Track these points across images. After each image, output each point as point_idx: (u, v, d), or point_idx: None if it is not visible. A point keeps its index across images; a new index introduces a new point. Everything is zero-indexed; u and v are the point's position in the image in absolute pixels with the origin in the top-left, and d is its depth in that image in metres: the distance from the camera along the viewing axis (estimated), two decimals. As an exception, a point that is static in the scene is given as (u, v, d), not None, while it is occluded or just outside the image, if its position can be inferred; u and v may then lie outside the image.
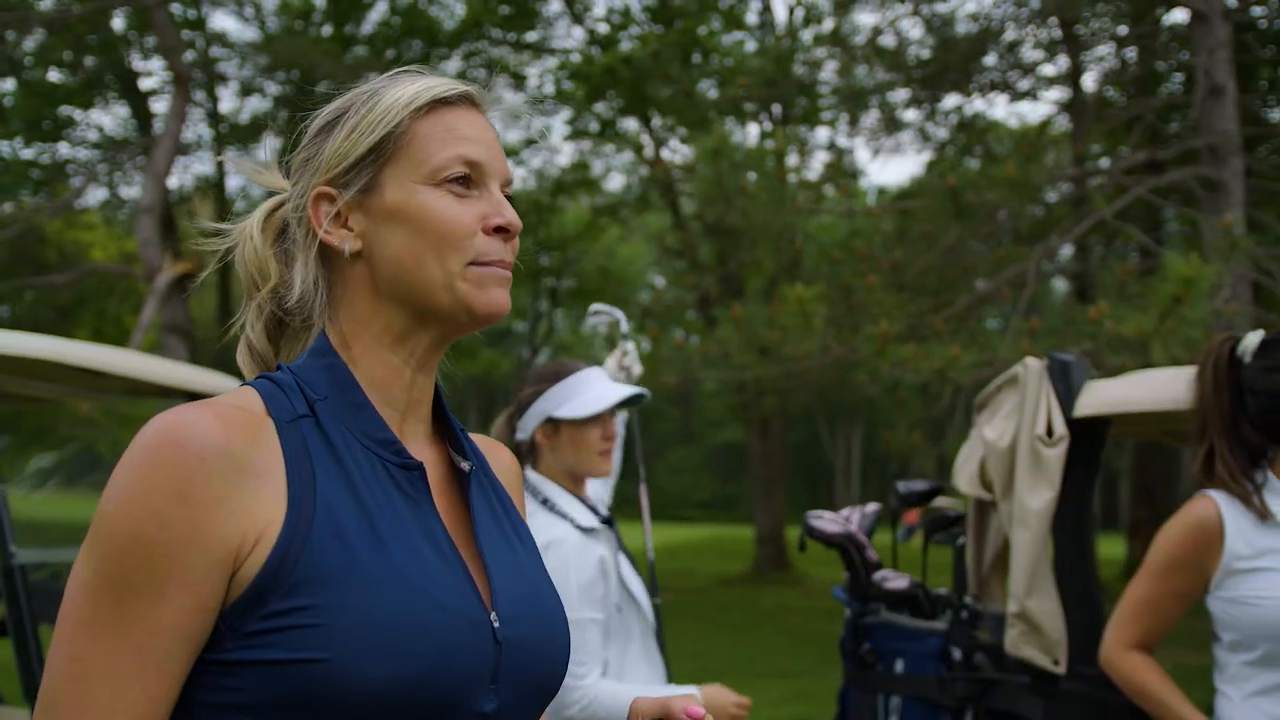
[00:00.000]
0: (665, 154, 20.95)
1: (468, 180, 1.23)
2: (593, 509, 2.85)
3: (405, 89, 1.25)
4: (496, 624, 1.17)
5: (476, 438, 1.41)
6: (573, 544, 2.64)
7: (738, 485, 43.41)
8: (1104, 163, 14.21)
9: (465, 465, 1.30)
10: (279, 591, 1.06)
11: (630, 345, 3.35)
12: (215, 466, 1.07)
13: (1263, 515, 2.41)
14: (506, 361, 33.08)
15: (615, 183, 25.61)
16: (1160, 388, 2.88)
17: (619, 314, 3.37)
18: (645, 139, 21.25)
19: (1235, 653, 2.44)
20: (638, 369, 3.31)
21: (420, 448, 1.28)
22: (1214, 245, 7.93)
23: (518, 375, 28.48)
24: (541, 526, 2.66)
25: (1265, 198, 12.30)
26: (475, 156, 1.24)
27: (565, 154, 23.48)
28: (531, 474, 2.83)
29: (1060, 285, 20.60)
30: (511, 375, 31.61)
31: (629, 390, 2.83)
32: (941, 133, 15.64)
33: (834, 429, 45.49)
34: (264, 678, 1.06)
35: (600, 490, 3.28)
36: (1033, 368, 3.06)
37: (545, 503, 2.76)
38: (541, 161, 23.45)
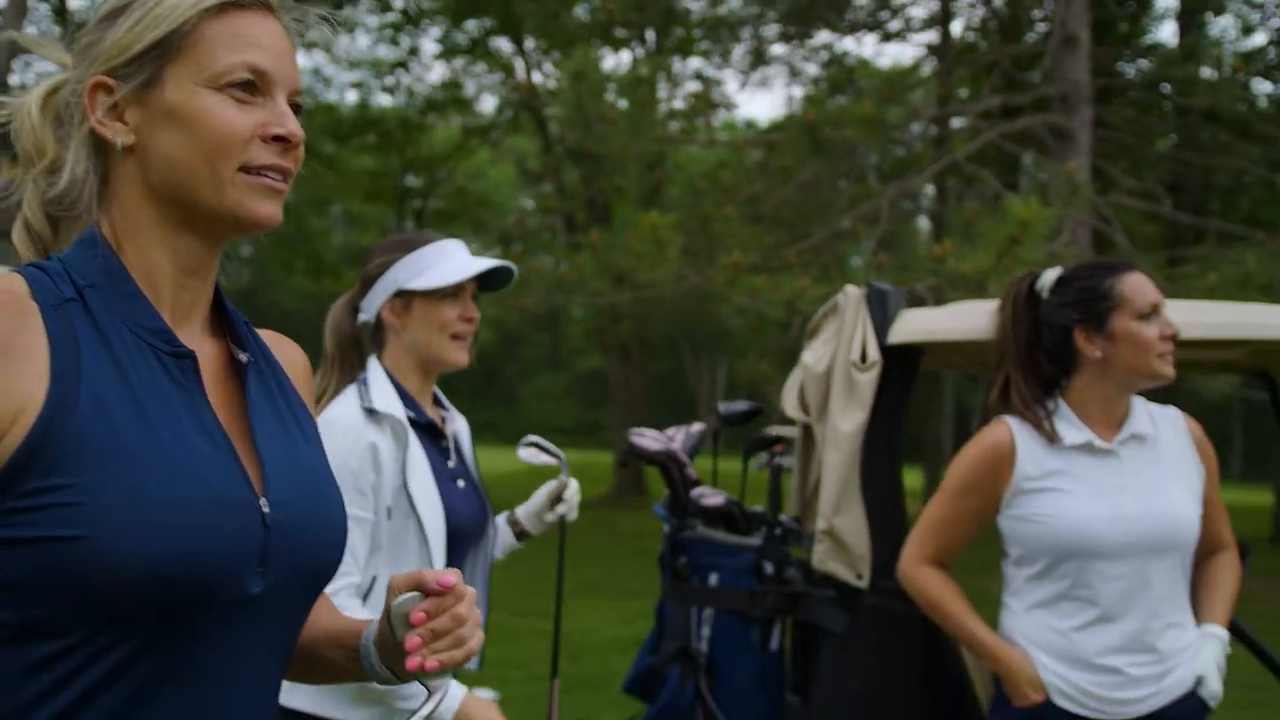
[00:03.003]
0: (537, 77, 20.68)
1: (252, 87, 1.22)
2: (418, 404, 2.47)
3: None
4: (266, 509, 1.18)
5: (265, 334, 1.41)
6: (343, 424, 2.28)
7: (601, 412, 43.64)
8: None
9: (243, 356, 1.30)
10: (38, 469, 1.06)
11: (574, 484, 2.80)
12: None
13: (1052, 439, 2.56)
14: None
15: (488, 104, 25.22)
16: (966, 319, 2.99)
17: (561, 455, 2.84)
18: (517, 61, 20.94)
19: (1020, 567, 2.59)
20: (574, 515, 2.79)
21: (197, 341, 1.27)
22: (1056, 190, 8.22)
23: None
24: (329, 407, 2.34)
25: (1116, 149, 12.74)
26: (262, 64, 1.22)
27: (436, 72, 23.00)
28: (371, 362, 2.44)
29: (925, 224, 21.12)
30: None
31: (492, 261, 2.47)
32: (812, 69, 15.80)
33: (698, 359, 45.98)
34: (21, 556, 1.05)
35: None
36: (851, 296, 3.16)
37: (361, 382, 2.39)
38: (410, 79, 22.96)
